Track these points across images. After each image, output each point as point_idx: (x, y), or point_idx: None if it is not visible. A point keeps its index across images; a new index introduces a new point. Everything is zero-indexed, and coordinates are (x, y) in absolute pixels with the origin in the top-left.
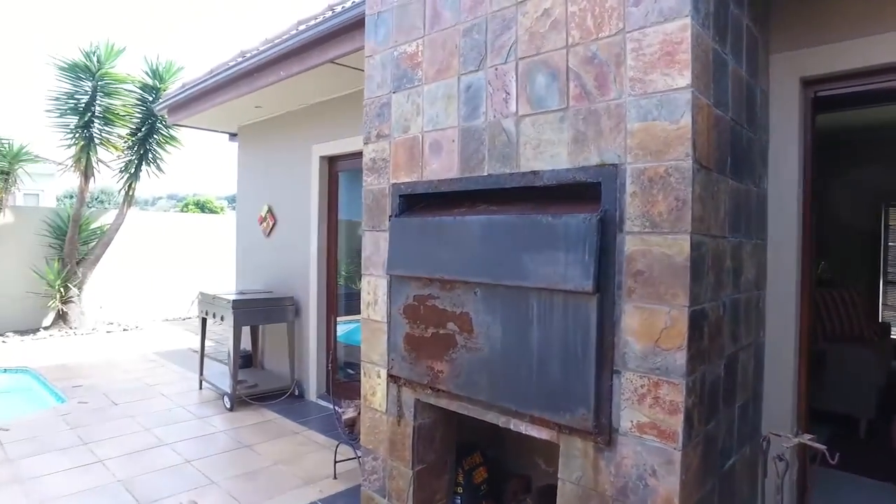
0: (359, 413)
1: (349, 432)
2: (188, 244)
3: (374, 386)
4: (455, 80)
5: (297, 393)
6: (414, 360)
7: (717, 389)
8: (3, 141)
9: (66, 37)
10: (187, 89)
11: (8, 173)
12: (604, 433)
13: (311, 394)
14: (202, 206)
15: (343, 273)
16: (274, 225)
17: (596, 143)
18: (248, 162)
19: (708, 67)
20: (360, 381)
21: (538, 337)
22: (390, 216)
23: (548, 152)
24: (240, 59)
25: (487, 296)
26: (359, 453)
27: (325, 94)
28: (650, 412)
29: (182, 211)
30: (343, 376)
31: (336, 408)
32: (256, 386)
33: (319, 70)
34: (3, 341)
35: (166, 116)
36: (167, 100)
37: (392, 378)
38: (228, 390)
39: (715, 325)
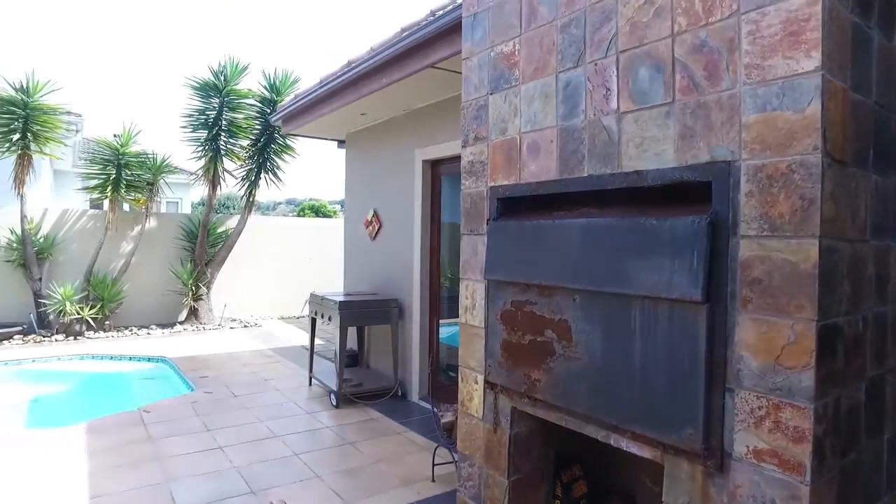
0: (457, 417)
1: (447, 436)
2: (303, 246)
3: (471, 391)
4: (553, 79)
5: (399, 393)
6: (511, 367)
7: (858, 417)
8: (149, 154)
9: (193, 59)
10: (298, 101)
11: (152, 184)
12: (714, 457)
13: (414, 395)
14: (317, 211)
15: (448, 275)
16: (379, 228)
17: (705, 139)
18: (355, 168)
19: (844, 45)
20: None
21: (641, 348)
22: (488, 220)
23: (652, 150)
24: (346, 69)
25: (587, 303)
26: (456, 457)
27: (427, 98)
28: (770, 438)
29: (299, 215)
30: (444, 379)
31: (435, 410)
32: (361, 385)
33: (420, 75)
34: (148, 333)
35: (281, 127)
36: (281, 111)
37: (489, 384)
38: (335, 388)
39: (853, 343)
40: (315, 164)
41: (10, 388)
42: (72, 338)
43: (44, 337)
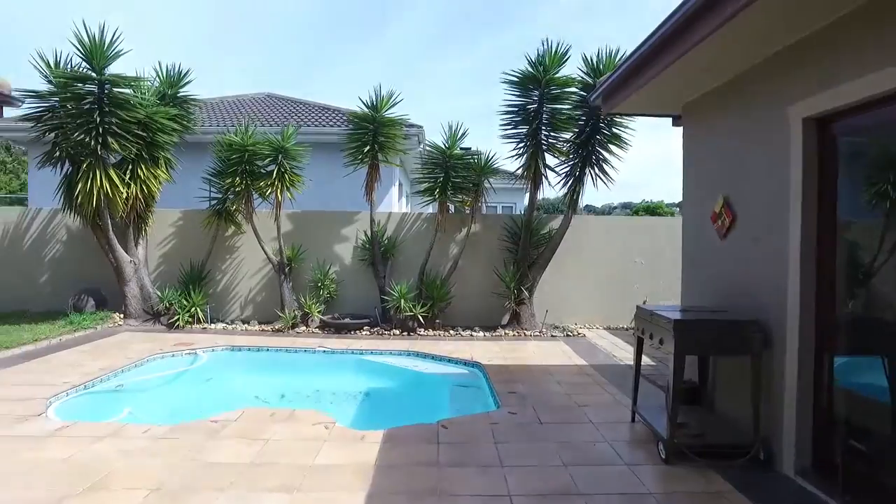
0: None
1: None
2: (633, 248)
3: None
4: None
5: (761, 457)
6: None
7: None
8: (473, 154)
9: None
10: (620, 67)
11: (477, 185)
12: None
13: (786, 464)
14: (652, 211)
15: (860, 291)
16: (731, 223)
17: None
18: (696, 147)
19: None
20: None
21: None
22: None
23: None
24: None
25: None
26: None
27: (804, 26)
28: None
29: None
30: (845, 448)
31: None
32: (702, 436)
33: None
34: (472, 335)
35: (601, 107)
36: (601, 86)
37: None
38: (664, 434)
39: None
40: (651, 166)
41: (349, 378)
42: (406, 333)
43: (385, 331)
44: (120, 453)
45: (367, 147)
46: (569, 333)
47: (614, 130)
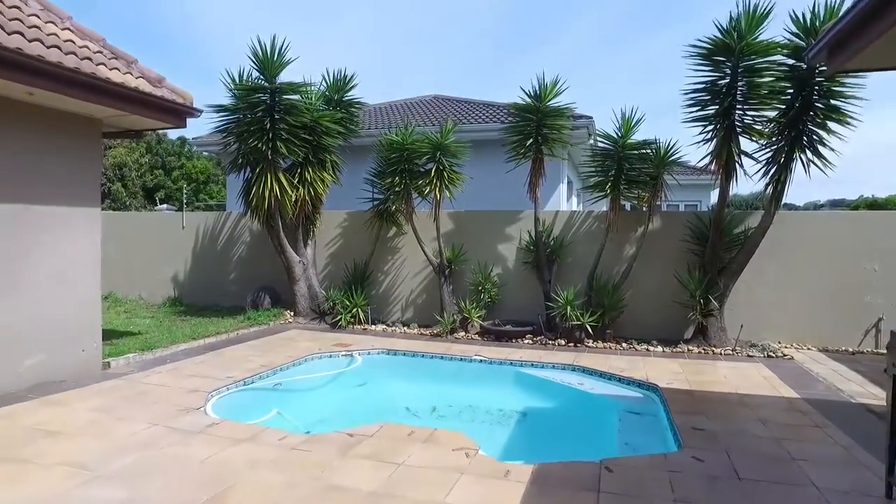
0: None
1: None
2: (858, 250)
3: None
4: None
5: None
6: None
7: None
8: (651, 144)
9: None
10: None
11: (655, 178)
12: None
13: None
14: (881, 207)
15: None
16: None
17: None
18: None
19: None
20: None
21: None
22: None
23: None
24: None
25: None
26: None
27: None
28: None
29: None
30: None
31: None
32: None
33: None
34: (648, 349)
35: (826, 64)
36: (825, 36)
37: None
38: None
39: None
40: (869, 157)
41: (504, 393)
42: (571, 344)
43: (548, 340)
44: (249, 463)
45: (530, 140)
46: (770, 354)
47: (833, 103)
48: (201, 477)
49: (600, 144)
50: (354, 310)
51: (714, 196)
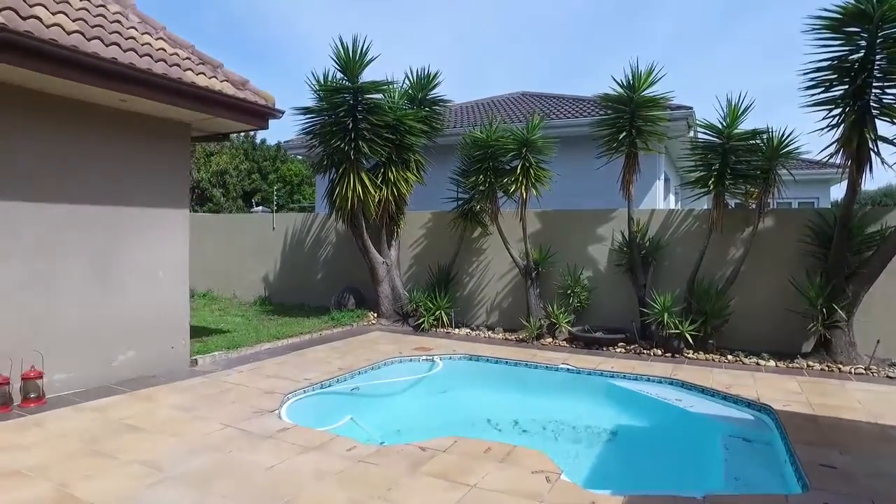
0: None
1: None
2: None
3: None
4: None
5: None
6: None
7: None
8: (761, 134)
9: None
10: None
11: (767, 172)
12: None
13: None
14: None
15: None
16: None
17: None
18: None
19: None
20: None
21: None
22: None
23: None
24: None
25: None
26: None
27: None
28: None
29: None
30: None
31: None
32: None
33: None
34: (758, 363)
35: None
36: None
37: None
38: None
39: None
40: None
41: (593, 407)
42: (669, 355)
43: (643, 349)
44: (314, 475)
45: (623, 133)
46: None
47: None
48: (263, 487)
49: (702, 136)
50: (437, 312)
51: (836, 192)
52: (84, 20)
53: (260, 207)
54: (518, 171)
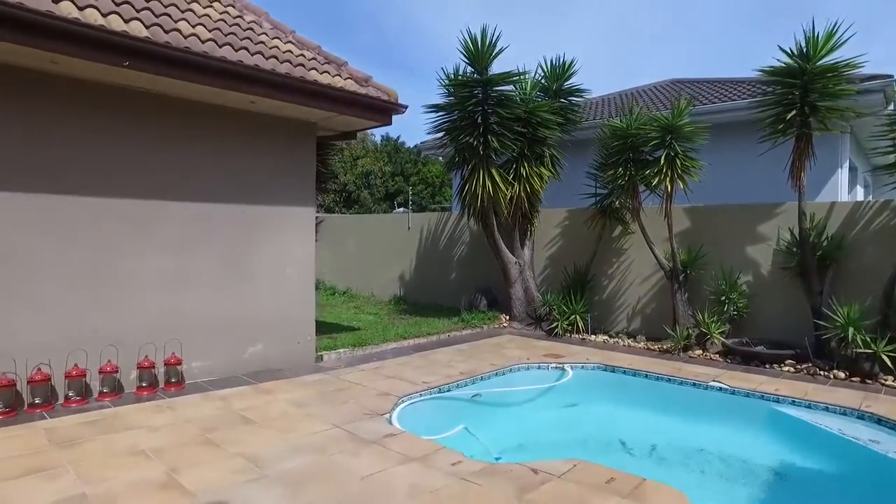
0: None
1: None
2: None
3: None
4: None
5: None
6: None
7: None
8: None
9: None
10: None
11: None
12: None
13: None
14: None
15: None
16: None
17: None
18: None
19: None
20: None
21: None
22: None
23: None
24: None
25: None
26: None
27: None
28: None
29: None
30: None
31: None
32: None
33: None
34: None
35: None
36: None
37: None
38: None
39: None
40: None
41: (751, 438)
42: (857, 379)
43: (820, 370)
44: (408, 491)
45: (792, 112)
46: None
47: None
48: (354, 497)
49: None
50: (572, 317)
51: None
52: (219, 29)
53: (402, 209)
54: (662, 162)
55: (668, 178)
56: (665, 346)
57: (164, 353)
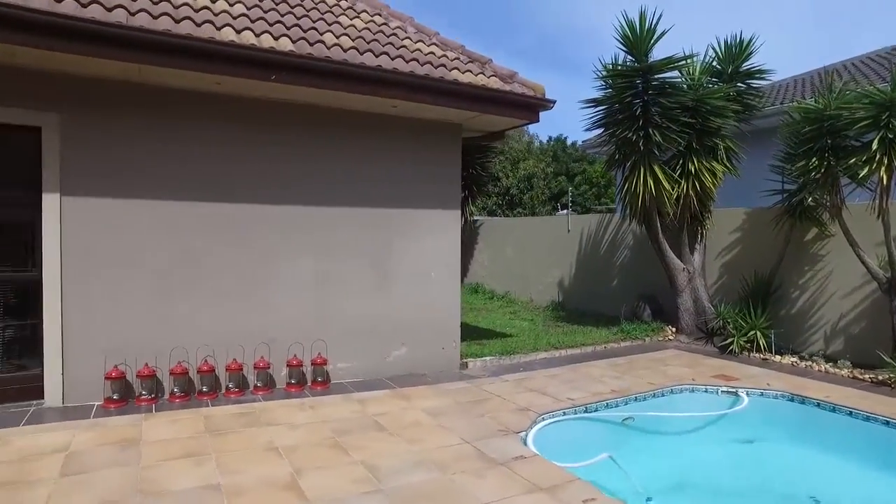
0: None
1: None
2: None
3: None
4: None
5: None
6: None
7: None
8: None
9: None
10: None
11: None
12: None
13: None
14: None
15: None
16: None
17: None
18: None
19: None
20: None
21: None
22: None
23: None
24: None
25: None
26: None
27: None
28: None
29: None
30: None
31: None
32: None
33: None
34: None
35: None
36: None
37: None
38: None
39: None
40: None
41: None
42: None
43: None
44: None
45: None
46: None
47: None
48: None
49: None
50: (751, 333)
51: None
52: (362, 38)
53: (565, 210)
54: (875, 147)
55: (883, 167)
56: (879, 377)
57: (311, 353)
